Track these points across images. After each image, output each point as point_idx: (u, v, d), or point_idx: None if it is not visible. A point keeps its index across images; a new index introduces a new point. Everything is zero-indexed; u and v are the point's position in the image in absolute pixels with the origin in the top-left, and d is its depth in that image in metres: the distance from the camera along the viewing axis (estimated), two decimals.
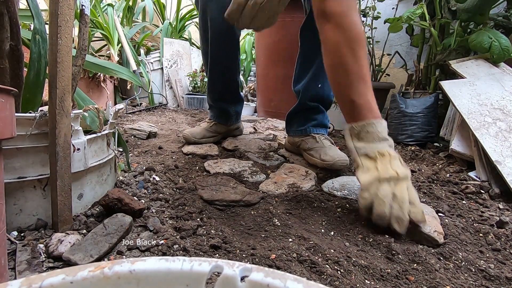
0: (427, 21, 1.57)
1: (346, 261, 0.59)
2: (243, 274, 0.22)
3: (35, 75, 0.70)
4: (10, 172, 0.60)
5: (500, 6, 1.56)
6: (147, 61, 2.85)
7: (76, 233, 0.63)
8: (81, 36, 0.72)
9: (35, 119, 0.61)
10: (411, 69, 2.11)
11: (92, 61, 1.00)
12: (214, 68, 1.34)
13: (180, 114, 2.41)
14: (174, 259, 0.23)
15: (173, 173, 1.03)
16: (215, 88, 1.40)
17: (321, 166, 1.08)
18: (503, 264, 0.63)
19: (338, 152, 1.09)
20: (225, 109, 1.41)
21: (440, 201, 0.90)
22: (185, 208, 0.79)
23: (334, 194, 0.90)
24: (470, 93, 1.26)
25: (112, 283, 0.22)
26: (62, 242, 0.58)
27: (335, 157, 1.06)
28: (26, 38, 0.77)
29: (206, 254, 0.60)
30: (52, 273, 0.21)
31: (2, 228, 0.42)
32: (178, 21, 3.23)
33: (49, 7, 0.61)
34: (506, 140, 1.08)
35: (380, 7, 2.24)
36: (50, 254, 0.56)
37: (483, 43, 1.28)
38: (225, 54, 1.30)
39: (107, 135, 0.80)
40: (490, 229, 0.75)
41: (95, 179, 0.76)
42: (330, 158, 1.06)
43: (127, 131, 1.54)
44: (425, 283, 0.55)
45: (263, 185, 0.94)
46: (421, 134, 1.50)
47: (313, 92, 1.18)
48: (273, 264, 0.57)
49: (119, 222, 0.65)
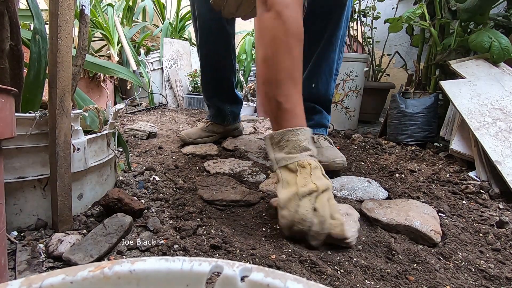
0: (427, 21, 1.57)
1: (346, 261, 0.59)
2: (243, 274, 0.22)
3: (35, 75, 0.69)
4: (10, 172, 0.60)
5: (500, 6, 1.56)
6: (147, 61, 2.85)
7: (76, 233, 0.63)
8: (81, 36, 0.71)
9: (35, 119, 0.61)
10: (411, 69, 2.11)
11: (92, 61, 1.00)
12: (204, 64, 1.37)
13: (180, 114, 2.41)
14: (174, 259, 0.23)
15: (173, 173, 1.03)
16: (208, 86, 1.42)
17: None
18: (503, 264, 0.62)
19: (335, 153, 1.08)
20: (220, 108, 1.42)
21: (440, 201, 0.90)
22: (185, 208, 0.79)
23: (334, 194, 0.90)
24: (470, 93, 1.26)
25: (112, 283, 0.22)
26: (62, 242, 0.58)
27: (330, 158, 1.04)
28: (26, 38, 0.77)
29: (206, 254, 0.60)
30: (52, 273, 0.21)
31: (2, 228, 0.42)
32: (178, 21, 3.23)
33: (49, 7, 0.61)
34: (506, 140, 1.08)
35: (380, 7, 2.24)
36: (50, 254, 0.56)
37: (483, 43, 1.28)
38: (215, 51, 1.31)
39: (107, 135, 0.80)
40: (490, 229, 0.75)
41: (95, 179, 0.76)
42: (325, 159, 1.04)
43: (127, 131, 1.54)
44: (425, 283, 0.55)
45: (263, 185, 0.94)
46: (421, 134, 1.50)
47: (308, 92, 1.17)
48: (273, 264, 0.57)
49: (119, 222, 0.65)
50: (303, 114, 0.73)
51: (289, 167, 0.68)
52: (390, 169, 1.15)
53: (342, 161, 1.04)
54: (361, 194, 0.90)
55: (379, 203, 0.80)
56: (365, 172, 1.13)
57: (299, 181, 0.65)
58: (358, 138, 1.62)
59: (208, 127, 1.41)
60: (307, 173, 0.66)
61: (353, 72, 1.86)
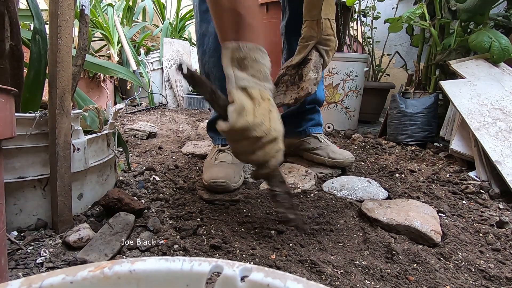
0: (427, 21, 1.57)
1: (346, 261, 0.59)
2: (243, 274, 0.22)
3: (35, 75, 0.70)
4: (10, 172, 0.60)
5: (500, 6, 1.56)
6: (147, 61, 2.85)
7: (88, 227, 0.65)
8: (81, 36, 0.71)
9: (35, 119, 0.61)
10: (411, 69, 2.11)
11: (92, 61, 1.00)
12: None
13: (180, 114, 2.41)
14: (174, 259, 0.23)
15: (173, 173, 1.03)
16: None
17: (330, 164, 1.10)
18: (503, 264, 0.62)
19: (342, 150, 1.13)
20: None
21: (440, 201, 0.90)
22: (185, 208, 0.79)
23: (334, 194, 0.90)
24: (470, 93, 1.26)
25: (112, 283, 0.22)
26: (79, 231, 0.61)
27: (344, 154, 1.09)
28: (26, 38, 0.77)
29: (206, 254, 0.60)
30: (52, 273, 0.21)
31: (2, 228, 0.42)
32: (178, 21, 3.23)
33: (49, 7, 0.61)
34: (506, 140, 1.08)
35: (380, 7, 2.24)
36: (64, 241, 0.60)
37: (483, 43, 1.28)
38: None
39: (107, 135, 0.80)
40: (490, 229, 0.75)
41: (95, 179, 0.76)
42: (340, 156, 1.09)
43: (127, 131, 1.54)
44: (425, 283, 0.55)
45: (264, 185, 0.94)
46: (421, 134, 1.50)
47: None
48: (273, 264, 0.57)
49: (124, 221, 0.66)
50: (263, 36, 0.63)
51: (250, 92, 0.58)
52: (390, 169, 1.15)
53: (353, 157, 1.10)
54: (361, 194, 0.90)
55: (379, 203, 0.80)
56: (365, 172, 1.13)
57: (257, 114, 0.58)
58: (358, 138, 1.62)
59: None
60: (265, 108, 0.59)
61: (353, 72, 1.86)
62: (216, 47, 0.96)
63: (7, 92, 0.39)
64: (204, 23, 0.96)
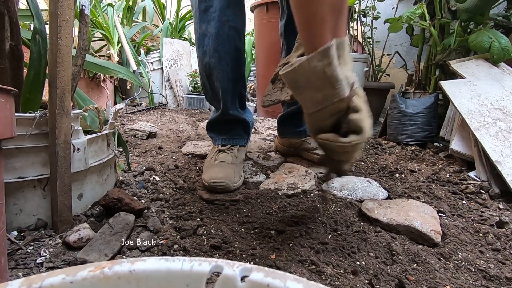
0: (427, 21, 1.57)
1: (346, 261, 0.59)
2: (243, 274, 0.22)
3: (35, 75, 0.69)
4: (10, 172, 0.60)
5: (500, 6, 1.56)
6: (147, 61, 2.85)
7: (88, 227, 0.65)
8: (81, 36, 0.71)
9: (35, 119, 0.61)
10: (411, 69, 2.11)
11: (92, 61, 1.00)
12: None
13: (180, 114, 2.41)
14: (174, 259, 0.23)
15: (173, 173, 1.03)
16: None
17: None
18: (503, 264, 0.62)
19: None
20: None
21: (440, 201, 0.90)
22: (185, 208, 0.79)
23: (334, 194, 0.90)
24: (470, 93, 1.26)
25: (112, 283, 0.22)
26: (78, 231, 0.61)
27: None
28: (26, 38, 0.77)
29: (206, 254, 0.60)
30: (52, 273, 0.21)
31: (2, 228, 0.42)
32: (178, 21, 3.23)
33: (49, 7, 0.61)
34: (506, 140, 1.08)
35: (380, 7, 2.24)
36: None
37: (483, 43, 1.28)
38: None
39: (107, 135, 0.80)
40: (490, 229, 0.75)
41: (95, 179, 0.76)
42: None
43: (127, 131, 1.54)
44: (425, 283, 0.55)
45: (264, 185, 0.94)
46: (421, 134, 1.50)
47: None
48: (273, 264, 0.57)
49: (124, 221, 0.66)
50: None
51: (357, 92, 0.54)
52: (390, 169, 1.15)
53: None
54: (361, 194, 0.90)
55: (379, 203, 0.80)
56: (365, 172, 1.13)
57: (366, 115, 0.54)
58: None
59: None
60: (365, 108, 0.54)
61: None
62: (216, 48, 0.96)
63: (7, 92, 0.39)
64: (204, 23, 0.96)
